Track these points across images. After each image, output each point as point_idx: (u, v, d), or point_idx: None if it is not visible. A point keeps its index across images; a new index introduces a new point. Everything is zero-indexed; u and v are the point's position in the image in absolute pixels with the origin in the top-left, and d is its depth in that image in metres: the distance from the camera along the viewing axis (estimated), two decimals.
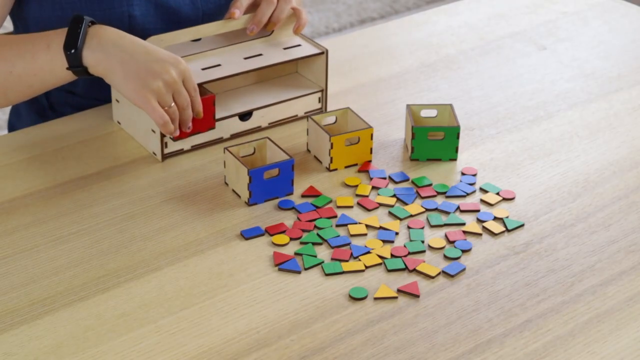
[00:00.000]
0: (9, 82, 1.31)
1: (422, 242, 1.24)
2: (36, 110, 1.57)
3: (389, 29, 1.79)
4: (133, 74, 1.26)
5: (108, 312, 1.13)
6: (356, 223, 1.27)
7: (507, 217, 1.29)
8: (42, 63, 1.29)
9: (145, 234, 1.25)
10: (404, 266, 1.20)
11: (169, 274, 1.18)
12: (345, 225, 1.27)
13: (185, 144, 1.40)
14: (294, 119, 1.48)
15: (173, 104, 1.29)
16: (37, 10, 1.43)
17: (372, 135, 1.38)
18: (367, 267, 1.20)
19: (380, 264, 1.21)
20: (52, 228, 1.26)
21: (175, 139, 1.36)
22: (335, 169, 1.37)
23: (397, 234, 1.26)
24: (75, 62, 1.28)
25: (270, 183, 1.30)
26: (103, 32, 1.29)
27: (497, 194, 1.33)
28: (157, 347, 1.08)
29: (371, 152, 1.39)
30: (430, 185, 1.35)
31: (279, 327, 1.11)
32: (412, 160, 1.40)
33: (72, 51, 1.27)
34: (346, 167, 1.38)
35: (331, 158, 1.36)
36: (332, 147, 1.36)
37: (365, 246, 1.23)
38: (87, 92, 1.53)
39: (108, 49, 1.28)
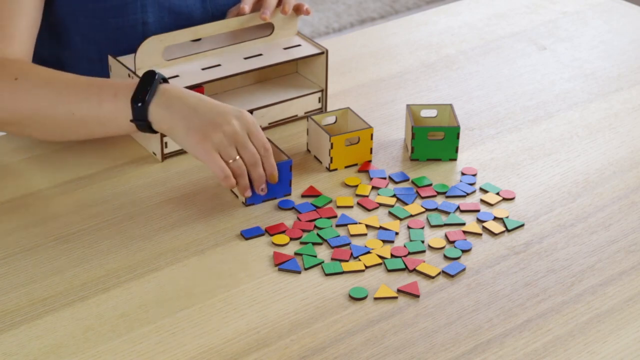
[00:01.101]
0: (71, 123, 1.29)
1: (422, 242, 1.24)
2: None
3: (389, 29, 1.79)
4: (195, 128, 1.23)
5: (108, 312, 1.13)
6: (356, 223, 1.27)
7: (507, 217, 1.29)
8: (107, 111, 1.27)
9: (145, 234, 1.25)
10: (404, 266, 1.20)
11: (168, 274, 1.18)
12: (345, 225, 1.27)
13: None
14: (294, 119, 1.49)
15: (238, 157, 1.25)
16: (53, 21, 1.44)
17: (372, 135, 1.38)
18: (367, 267, 1.20)
19: (380, 264, 1.21)
20: (52, 228, 1.26)
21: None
22: (335, 169, 1.37)
23: (397, 234, 1.26)
24: (140, 115, 1.25)
25: (268, 184, 1.30)
26: (171, 89, 1.26)
27: (497, 194, 1.33)
28: (157, 347, 1.08)
29: (371, 152, 1.39)
30: (430, 185, 1.35)
31: (279, 327, 1.11)
32: (412, 160, 1.40)
33: (140, 104, 1.25)
34: (346, 167, 1.38)
35: (331, 158, 1.36)
36: (332, 147, 1.36)
37: (365, 246, 1.23)
38: None
39: (173, 105, 1.25)
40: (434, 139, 1.39)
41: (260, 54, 1.45)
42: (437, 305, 1.15)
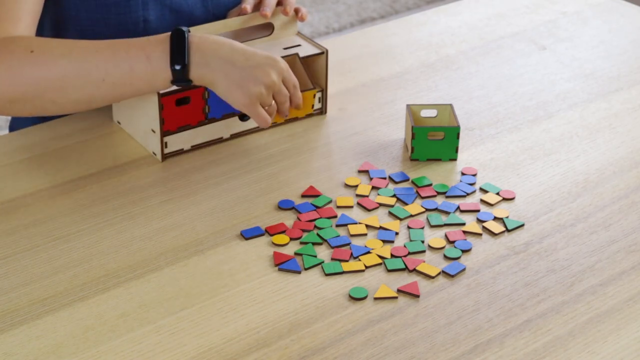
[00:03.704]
0: (99, 89, 1.29)
1: (422, 242, 1.24)
2: None
3: (389, 29, 1.79)
4: (236, 83, 1.29)
5: (108, 312, 1.13)
6: (356, 223, 1.27)
7: (507, 217, 1.29)
8: (141, 74, 1.28)
9: (145, 234, 1.25)
10: (404, 266, 1.20)
11: (169, 274, 1.18)
12: (345, 225, 1.27)
13: (185, 144, 1.40)
14: (294, 119, 1.48)
15: (273, 102, 1.34)
16: (53, 12, 1.44)
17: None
18: (367, 267, 1.20)
19: (380, 264, 1.21)
20: (52, 228, 1.26)
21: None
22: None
23: (397, 234, 1.26)
24: (180, 76, 1.28)
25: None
26: (203, 43, 1.29)
27: (497, 194, 1.33)
28: (157, 347, 1.08)
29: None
30: (430, 185, 1.35)
31: (279, 327, 1.11)
32: (412, 160, 1.40)
33: (179, 67, 1.27)
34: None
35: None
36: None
37: (365, 246, 1.23)
38: None
39: (211, 62, 1.28)
40: (434, 139, 1.39)
41: None
42: (437, 305, 1.15)
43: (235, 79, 1.29)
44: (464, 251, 1.23)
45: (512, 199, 1.33)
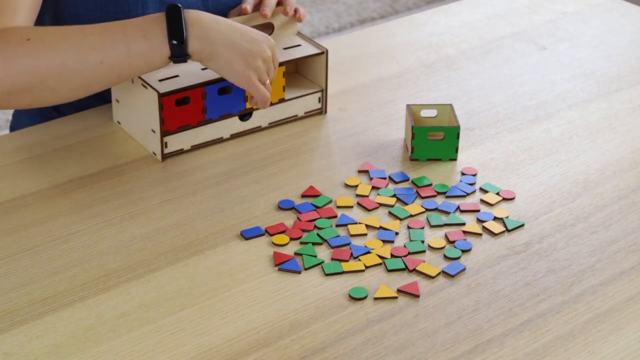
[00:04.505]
0: (98, 72, 1.27)
1: (422, 242, 1.24)
2: (39, 110, 1.56)
3: (389, 29, 1.79)
4: (236, 57, 1.29)
5: (108, 312, 1.13)
6: (356, 223, 1.27)
7: (507, 217, 1.29)
8: (139, 52, 1.27)
9: (145, 234, 1.25)
10: (404, 266, 1.20)
11: (169, 274, 1.18)
12: (345, 225, 1.27)
13: (185, 144, 1.40)
14: (294, 119, 1.49)
15: (268, 80, 1.34)
16: (53, 10, 1.44)
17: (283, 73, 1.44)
18: (367, 267, 1.20)
19: (380, 264, 1.21)
20: (52, 228, 1.26)
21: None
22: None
23: (397, 234, 1.26)
24: (179, 51, 1.28)
25: (224, 99, 1.37)
26: (200, 17, 1.29)
27: (497, 194, 1.33)
28: (157, 347, 1.08)
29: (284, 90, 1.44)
30: (430, 185, 1.35)
31: (279, 327, 1.11)
32: (412, 160, 1.40)
33: (176, 42, 1.27)
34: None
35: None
36: None
37: (365, 246, 1.23)
38: None
39: (210, 35, 1.28)
40: (434, 139, 1.39)
41: None
42: (437, 305, 1.15)
43: (235, 53, 1.29)
44: (464, 251, 1.23)
45: (512, 199, 1.33)
